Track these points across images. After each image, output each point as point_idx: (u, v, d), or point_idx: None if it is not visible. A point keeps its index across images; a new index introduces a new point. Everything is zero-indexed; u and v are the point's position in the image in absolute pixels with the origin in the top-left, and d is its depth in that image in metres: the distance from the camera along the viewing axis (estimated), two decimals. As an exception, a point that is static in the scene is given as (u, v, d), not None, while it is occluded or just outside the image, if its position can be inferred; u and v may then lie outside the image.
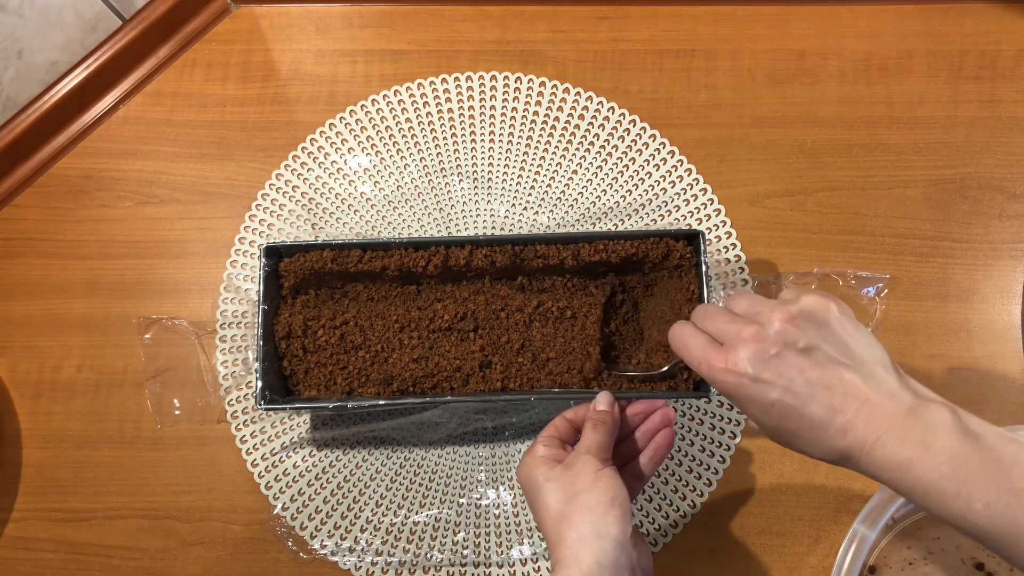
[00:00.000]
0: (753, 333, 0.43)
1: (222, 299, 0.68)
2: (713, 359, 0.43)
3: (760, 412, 0.43)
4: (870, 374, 0.41)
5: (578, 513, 0.45)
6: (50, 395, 0.67)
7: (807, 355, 0.42)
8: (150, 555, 0.63)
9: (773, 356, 0.42)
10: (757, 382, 0.42)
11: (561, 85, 0.72)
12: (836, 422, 0.40)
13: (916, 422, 0.39)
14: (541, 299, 0.61)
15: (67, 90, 0.71)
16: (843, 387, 0.41)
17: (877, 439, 0.39)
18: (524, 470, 0.50)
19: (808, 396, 0.41)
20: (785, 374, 0.41)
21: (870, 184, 0.69)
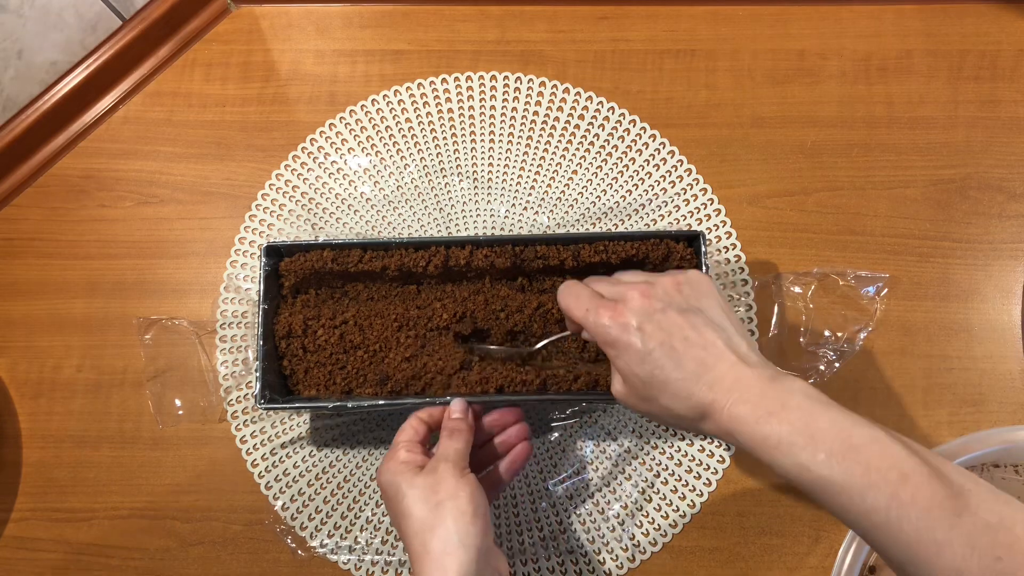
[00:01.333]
0: (642, 291, 0.47)
1: (222, 299, 0.68)
2: (600, 308, 0.47)
3: (635, 361, 0.45)
4: (738, 345, 0.45)
5: (443, 523, 0.47)
6: (50, 395, 0.67)
7: (688, 316, 0.46)
8: (150, 555, 0.63)
9: (658, 311, 0.46)
10: (640, 331, 0.45)
11: (561, 85, 0.72)
12: (705, 377, 0.44)
13: (776, 385, 0.43)
14: (541, 300, 0.61)
15: (67, 90, 0.71)
16: (716, 349, 0.44)
17: (740, 396, 0.43)
18: (386, 476, 0.50)
19: (684, 351, 0.44)
20: (666, 328, 0.45)
21: (870, 184, 0.69)
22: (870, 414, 0.63)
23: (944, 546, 0.37)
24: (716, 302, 0.47)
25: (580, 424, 0.64)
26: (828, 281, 0.66)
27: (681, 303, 0.46)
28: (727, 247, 0.67)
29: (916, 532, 0.37)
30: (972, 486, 0.38)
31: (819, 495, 0.41)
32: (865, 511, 0.39)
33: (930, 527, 0.37)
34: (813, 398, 0.43)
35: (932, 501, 0.37)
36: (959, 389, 0.64)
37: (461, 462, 0.50)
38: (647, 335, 0.45)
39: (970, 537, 0.36)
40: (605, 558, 0.62)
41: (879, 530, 0.39)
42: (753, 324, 0.65)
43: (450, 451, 0.51)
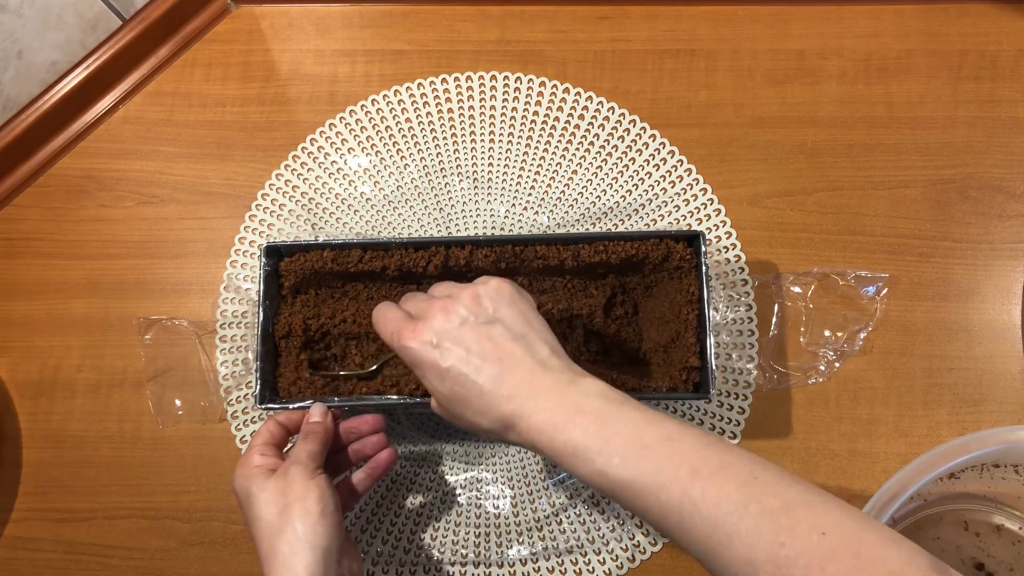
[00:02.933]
0: (442, 306, 0.47)
1: (222, 299, 0.68)
2: (403, 329, 0.47)
3: (437, 378, 0.45)
4: (538, 351, 0.45)
5: (290, 525, 0.47)
6: (50, 395, 0.67)
7: (486, 328, 0.46)
8: (150, 555, 0.63)
9: (456, 326, 0.46)
10: (438, 348, 0.45)
11: (561, 85, 0.72)
12: (501, 390, 0.44)
13: (572, 389, 0.43)
14: (541, 300, 0.61)
15: (67, 90, 0.71)
16: (513, 359, 0.44)
17: (537, 404, 0.43)
18: (238, 480, 0.50)
19: (480, 364, 0.44)
20: (464, 343, 0.45)
21: (870, 184, 0.69)
22: (870, 414, 0.64)
23: (733, 537, 0.36)
24: (517, 310, 0.47)
25: (580, 424, 0.64)
26: (828, 281, 0.66)
27: (480, 315, 0.46)
28: (727, 247, 0.67)
29: (708, 526, 0.37)
30: (760, 472, 0.38)
31: (620, 499, 0.41)
32: (662, 511, 0.39)
33: (720, 520, 0.37)
34: (609, 399, 0.42)
35: (720, 493, 0.37)
36: (959, 389, 0.64)
37: (312, 463, 0.50)
38: (445, 352, 0.45)
39: (756, 525, 0.36)
40: (605, 558, 0.62)
41: (678, 528, 0.39)
42: (753, 324, 0.65)
43: (303, 453, 0.51)
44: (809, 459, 0.63)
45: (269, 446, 0.53)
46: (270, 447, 0.52)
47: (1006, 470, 0.59)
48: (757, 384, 0.65)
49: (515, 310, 0.47)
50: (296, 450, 0.51)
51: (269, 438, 0.53)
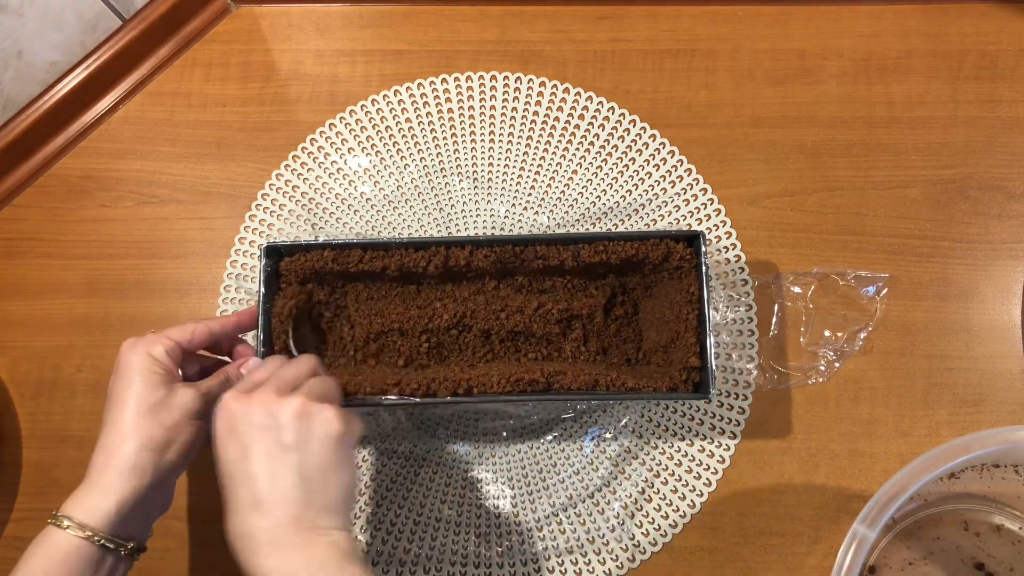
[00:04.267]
0: (267, 398, 0.46)
1: (222, 299, 0.68)
2: (228, 393, 0.47)
3: (217, 453, 0.46)
4: (310, 504, 0.44)
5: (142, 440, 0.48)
6: (50, 395, 0.67)
7: (281, 451, 0.45)
8: (150, 555, 0.63)
9: (261, 429, 0.45)
10: (232, 438, 0.45)
11: (561, 85, 0.72)
12: (252, 525, 0.44)
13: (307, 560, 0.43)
14: (541, 300, 0.61)
15: (67, 90, 0.71)
16: (281, 501, 0.44)
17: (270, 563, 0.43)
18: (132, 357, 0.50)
19: (250, 482, 0.44)
20: (252, 452, 0.45)
21: (870, 184, 0.69)
22: (870, 414, 0.64)
23: None
24: (327, 454, 0.46)
25: (580, 424, 0.64)
26: (828, 281, 0.66)
27: (289, 438, 0.45)
28: (727, 247, 0.67)
29: None
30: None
31: None
32: None
33: None
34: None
35: None
36: (959, 389, 0.64)
37: (209, 409, 0.51)
38: (233, 445, 0.45)
39: None
40: (605, 558, 0.62)
41: None
42: (753, 324, 0.65)
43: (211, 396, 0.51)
44: (809, 459, 0.63)
45: (177, 349, 0.52)
46: (177, 349, 0.52)
47: (1006, 470, 0.59)
48: (757, 384, 0.65)
49: (324, 452, 0.46)
50: (207, 384, 0.52)
51: (188, 338, 0.53)
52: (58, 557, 0.45)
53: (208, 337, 0.54)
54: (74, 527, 0.46)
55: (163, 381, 0.50)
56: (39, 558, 0.45)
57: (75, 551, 0.45)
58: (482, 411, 0.65)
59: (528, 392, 0.57)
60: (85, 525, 0.46)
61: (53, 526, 0.46)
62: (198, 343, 0.54)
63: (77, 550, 0.45)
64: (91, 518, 0.46)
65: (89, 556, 0.46)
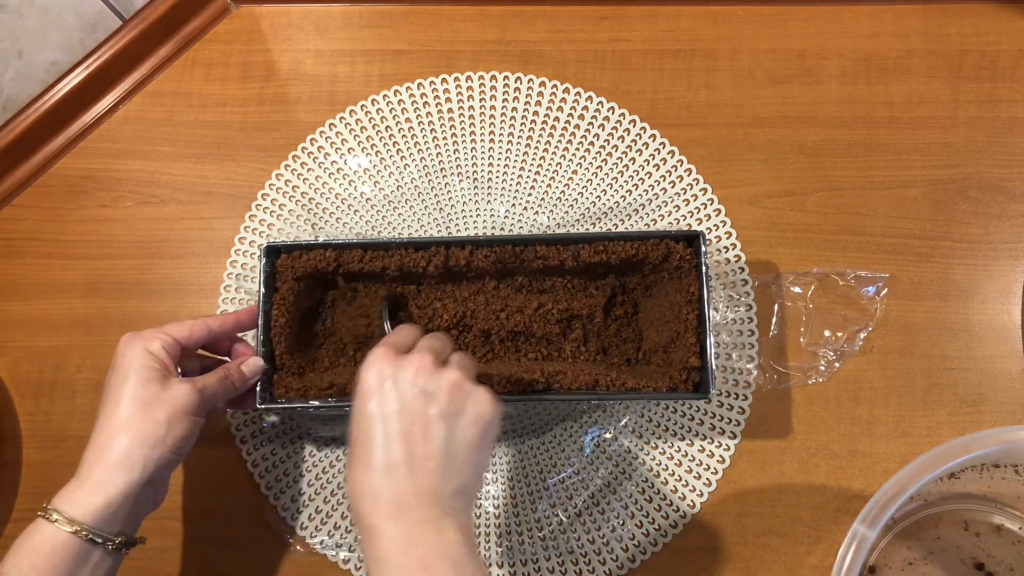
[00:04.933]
0: (422, 363, 0.45)
1: (222, 299, 0.68)
2: (381, 345, 0.46)
3: (357, 414, 0.44)
4: (448, 481, 0.43)
5: (139, 437, 0.48)
6: (50, 395, 0.67)
7: (430, 419, 0.43)
8: (150, 555, 0.63)
9: (413, 392, 0.44)
10: (380, 388, 0.44)
11: (561, 85, 0.72)
12: (380, 482, 0.42)
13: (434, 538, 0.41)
14: (541, 300, 0.61)
15: (67, 90, 0.71)
16: (420, 467, 0.42)
17: (393, 528, 0.41)
18: (130, 351, 0.50)
19: (391, 441, 0.43)
20: (400, 411, 0.43)
21: (870, 184, 0.69)
22: (870, 414, 0.64)
23: None
24: (472, 434, 0.44)
25: (580, 423, 0.64)
26: (828, 281, 0.66)
27: (440, 403, 0.44)
28: (727, 247, 0.67)
29: None
30: None
31: None
32: None
33: None
34: (460, 568, 0.41)
35: None
36: (959, 389, 0.64)
37: (206, 406, 0.51)
38: (382, 399, 0.43)
39: None
40: (605, 558, 0.62)
41: None
42: (753, 324, 0.65)
43: (207, 392, 0.51)
44: (809, 459, 0.63)
45: (176, 345, 0.52)
46: (175, 345, 0.52)
47: (1006, 470, 0.59)
48: (757, 384, 0.65)
49: (472, 430, 0.44)
50: (203, 380, 0.52)
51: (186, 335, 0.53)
52: (45, 550, 0.45)
53: (207, 335, 0.54)
54: (62, 521, 0.46)
55: (158, 376, 0.50)
56: (26, 550, 0.45)
57: (62, 545, 0.45)
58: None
59: (528, 392, 0.57)
60: (73, 519, 0.46)
61: (42, 519, 0.46)
62: (196, 340, 0.54)
63: (64, 544, 0.45)
64: (80, 512, 0.46)
65: (76, 550, 0.46)
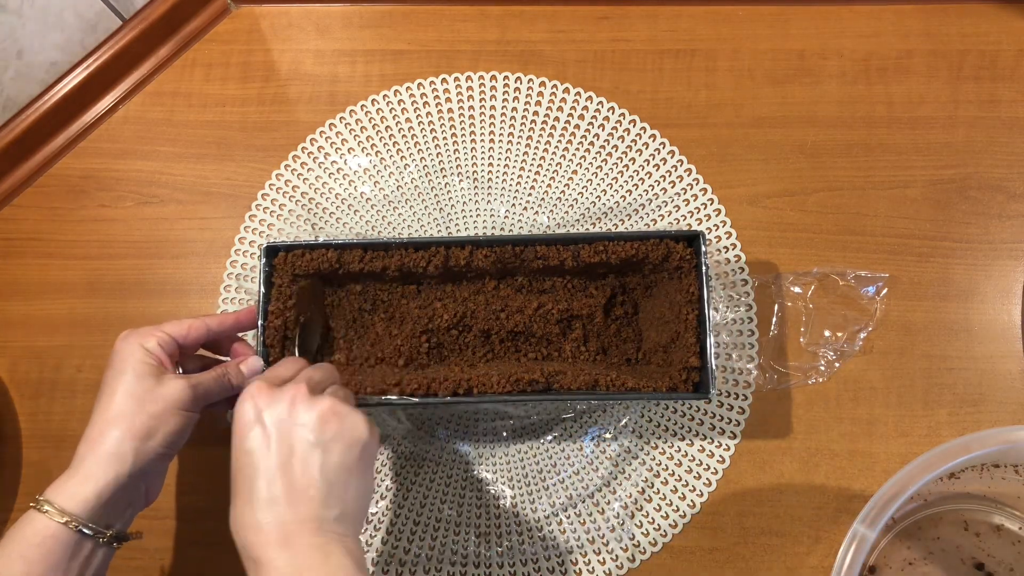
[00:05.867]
0: (295, 394, 0.46)
1: (222, 299, 0.68)
2: (256, 381, 0.47)
3: (235, 450, 0.46)
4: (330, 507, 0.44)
5: (131, 430, 0.48)
6: (50, 395, 0.67)
7: (306, 449, 0.45)
8: (150, 555, 0.63)
9: (289, 424, 0.45)
10: (257, 427, 0.45)
11: (561, 85, 0.72)
12: (264, 514, 0.43)
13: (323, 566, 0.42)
14: (541, 300, 0.61)
15: (67, 90, 0.71)
16: (301, 499, 0.43)
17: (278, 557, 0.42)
18: (126, 347, 0.50)
19: (270, 476, 0.44)
20: (277, 445, 0.44)
21: (870, 184, 0.69)
22: (870, 414, 0.64)
23: None
24: (352, 458, 0.46)
25: (580, 423, 0.64)
26: (828, 281, 0.66)
27: (315, 435, 0.45)
28: (727, 247, 0.67)
29: None
30: None
31: None
32: None
33: None
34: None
35: None
36: (959, 389, 0.64)
37: (200, 403, 0.51)
38: (257, 435, 0.45)
39: None
40: (605, 558, 0.62)
41: None
42: (753, 324, 0.65)
43: (200, 388, 0.51)
44: (809, 459, 0.63)
45: (172, 342, 0.52)
46: (172, 343, 0.52)
47: (1006, 470, 0.59)
48: (757, 384, 0.65)
49: (349, 455, 0.46)
50: (201, 379, 0.52)
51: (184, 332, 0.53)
52: (35, 541, 0.45)
53: (205, 333, 0.54)
54: (53, 512, 0.46)
55: (152, 372, 0.50)
56: (17, 541, 0.46)
57: (52, 536, 0.45)
58: (482, 411, 0.65)
59: (528, 392, 0.57)
60: (64, 510, 0.46)
61: (34, 510, 0.46)
62: (195, 339, 0.54)
63: (54, 535, 0.45)
64: (70, 503, 0.46)
65: (66, 541, 0.46)
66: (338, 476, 0.45)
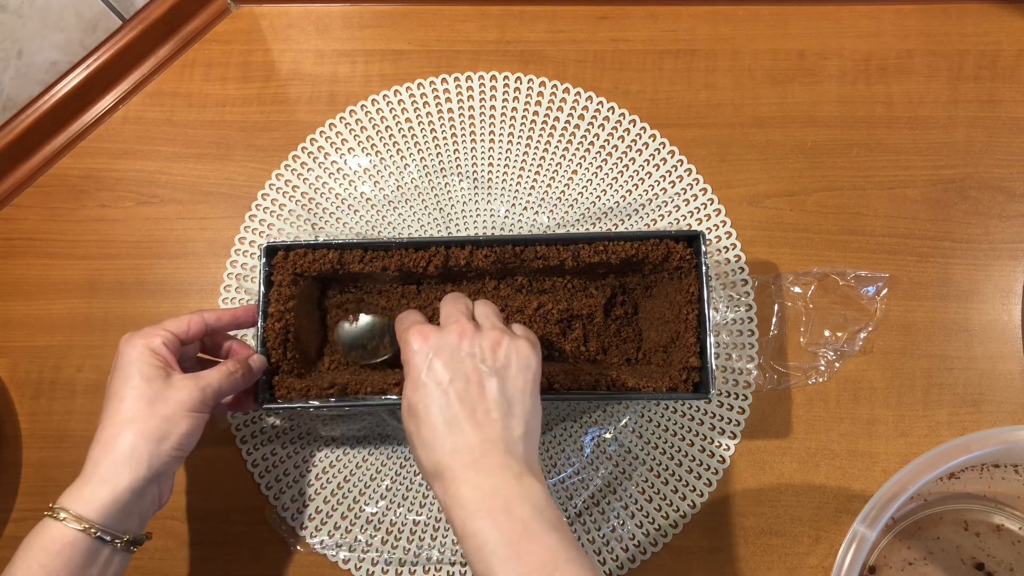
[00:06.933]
0: (462, 329, 0.47)
1: (222, 299, 0.68)
2: (416, 325, 0.47)
3: (411, 385, 0.46)
4: (512, 428, 0.45)
5: (143, 433, 0.48)
6: (50, 395, 0.67)
7: (483, 376, 0.45)
8: (150, 555, 0.63)
9: (460, 354, 0.46)
10: (430, 360, 0.45)
11: (561, 85, 0.72)
12: (452, 439, 0.44)
13: (514, 484, 0.42)
14: (541, 300, 0.61)
15: (67, 90, 0.71)
16: (483, 420, 0.44)
17: (473, 477, 0.43)
18: (132, 351, 0.50)
19: (452, 402, 0.44)
20: (454, 373, 0.45)
21: (870, 184, 0.69)
22: (870, 414, 0.64)
23: None
24: (524, 379, 0.46)
25: (580, 423, 0.64)
26: (828, 281, 0.66)
27: (487, 361, 0.46)
28: (727, 247, 0.67)
29: None
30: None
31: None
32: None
33: None
34: (543, 515, 0.42)
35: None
36: (959, 389, 0.64)
37: (209, 403, 0.51)
38: (432, 368, 0.45)
39: None
40: (605, 558, 0.62)
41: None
42: (753, 324, 0.66)
43: (209, 389, 0.51)
44: (809, 459, 0.63)
45: (175, 340, 0.52)
46: (176, 341, 0.52)
47: (1006, 470, 0.59)
48: (757, 384, 0.65)
49: (522, 378, 0.47)
50: (211, 376, 0.52)
51: (184, 330, 0.53)
52: (54, 549, 0.45)
53: (203, 328, 0.54)
54: (70, 519, 0.46)
55: (160, 373, 0.50)
56: (35, 550, 0.45)
57: (71, 543, 0.45)
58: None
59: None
60: (81, 516, 0.46)
61: (50, 518, 0.46)
62: (195, 334, 0.54)
63: (73, 542, 0.45)
64: (87, 510, 0.46)
65: (85, 548, 0.46)
66: (515, 397, 0.46)
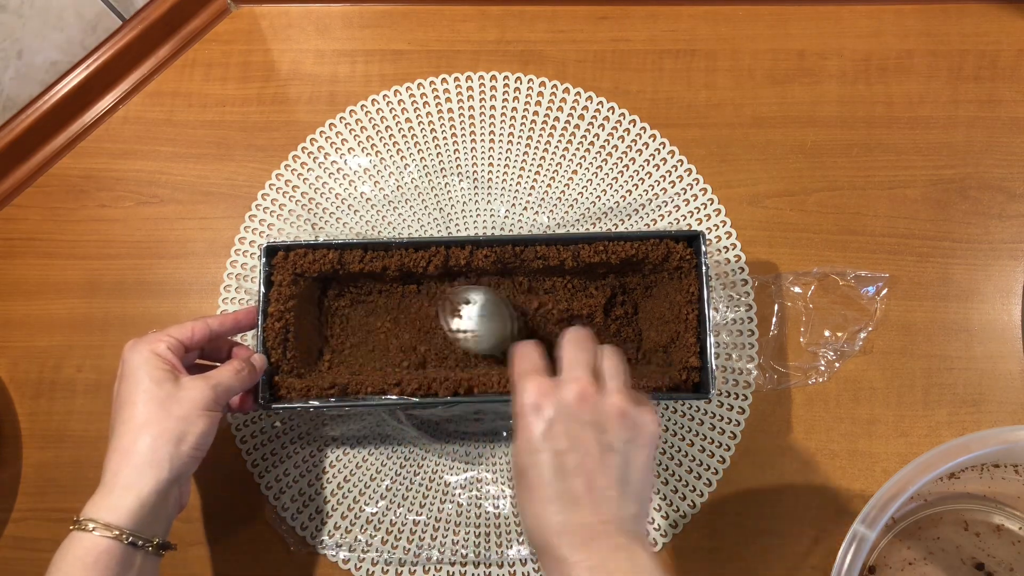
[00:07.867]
0: (583, 391, 0.44)
1: (222, 299, 0.68)
2: (531, 379, 0.45)
3: (524, 448, 0.44)
4: (627, 508, 0.43)
5: (161, 436, 0.48)
6: (50, 395, 0.67)
7: (602, 450, 0.43)
8: (150, 555, 0.63)
9: (580, 423, 0.43)
10: (548, 424, 0.43)
11: (561, 85, 0.72)
12: (563, 515, 0.42)
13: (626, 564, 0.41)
14: (541, 300, 0.61)
15: (67, 90, 0.71)
16: (599, 498, 0.42)
17: (584, 558, 0.40)
18: (136, 357, 0.50)
19: (567, 475, 0.42)
20: (572, 442, 0.43)
21: (870, 184, 0.69)
22: (870, 414, 0.64)
23: None
24: (645, 457, 0.45)
25: (580, 424, 0.64)
26: (828, 281, 0.66)
27: (611, 435, 0.44)
28: (727, 247, 0.67)
29: None
30: None
31: None
32: None
33: None
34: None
35: None
36: (959, 389, 0.64)
37: (221, 402, 0.51)
38: (550, 433, 0.43)
39: None
40: (605, 558, 0.62)
41: None
42: (753, 324, 0.66)
43: (220, 387, 0.51)
44: (809, 459, 0.63)
45: (180, 345, 0.52)
46: (180, 345, 0.52)
47: (1006, 470, 0.59)
48: (757, 384, 0.65)
49: (644, 455, 0.45)
50: (220, 376, 0.52)
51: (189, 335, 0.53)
52: (89, 560, 0.44)
53: (207, 334, 0.54)
54: (100, 528, 0.45)
55: (169, 377, 0.50)
56: (70, 563, 0.45)
57: (106, 552, 0.45)
58: (482, 411, 0.64)
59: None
60: (110, 524, 0.45)
61: (78, 531, 0.45)
62: (199, 341, 0.54)
63: (107, 551, 0.45)
64: (115, 517, 0.46)
65: (120, 555, 0.45)
66: (633, 476, 0.44)
